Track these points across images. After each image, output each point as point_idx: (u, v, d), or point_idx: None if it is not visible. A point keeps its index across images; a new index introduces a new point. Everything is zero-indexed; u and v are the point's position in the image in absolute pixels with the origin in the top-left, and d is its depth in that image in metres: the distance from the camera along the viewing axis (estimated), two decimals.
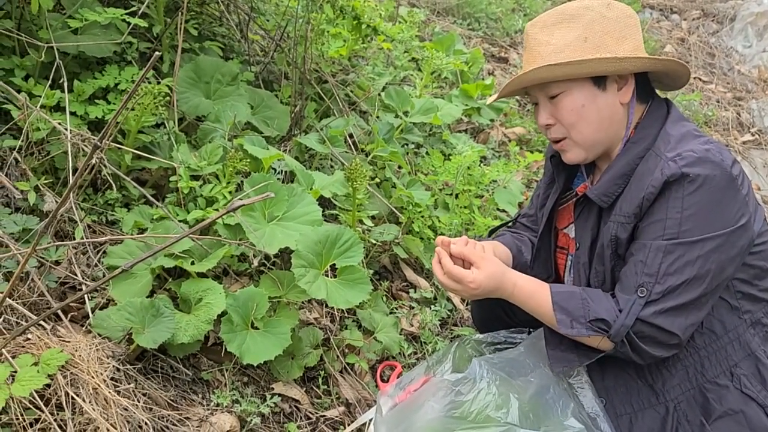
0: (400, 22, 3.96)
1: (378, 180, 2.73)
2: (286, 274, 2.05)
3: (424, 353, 2.33)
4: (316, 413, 2.00)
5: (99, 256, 2.03)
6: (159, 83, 2.20)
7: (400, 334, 2.30)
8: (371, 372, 2.18)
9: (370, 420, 1.82)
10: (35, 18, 2.25)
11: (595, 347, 1.51)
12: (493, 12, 5.39)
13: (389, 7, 4.13)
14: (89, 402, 1.56)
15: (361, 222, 2.41)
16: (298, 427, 1.93)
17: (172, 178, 2.18)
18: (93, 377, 1.60)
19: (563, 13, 1.55)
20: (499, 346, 1.74)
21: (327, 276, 2.00)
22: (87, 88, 2.24)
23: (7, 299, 1.66)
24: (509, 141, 3.74)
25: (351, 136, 2.91)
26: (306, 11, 2.78)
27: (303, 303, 2.23)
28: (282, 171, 2.47)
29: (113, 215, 2.16)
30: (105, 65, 2.35)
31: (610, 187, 1.55)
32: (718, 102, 5.18)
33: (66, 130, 2.00)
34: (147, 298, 1.83)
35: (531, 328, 1.73)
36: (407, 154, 3.09)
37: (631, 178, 1.53)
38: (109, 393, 1.60)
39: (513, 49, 5.11)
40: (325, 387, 2.09)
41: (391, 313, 2.39)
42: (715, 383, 1.52)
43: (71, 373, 1.59)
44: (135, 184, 2.13)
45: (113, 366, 1.69)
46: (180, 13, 2.47)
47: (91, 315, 1.84)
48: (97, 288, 1.91)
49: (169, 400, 1.80)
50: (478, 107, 3.65)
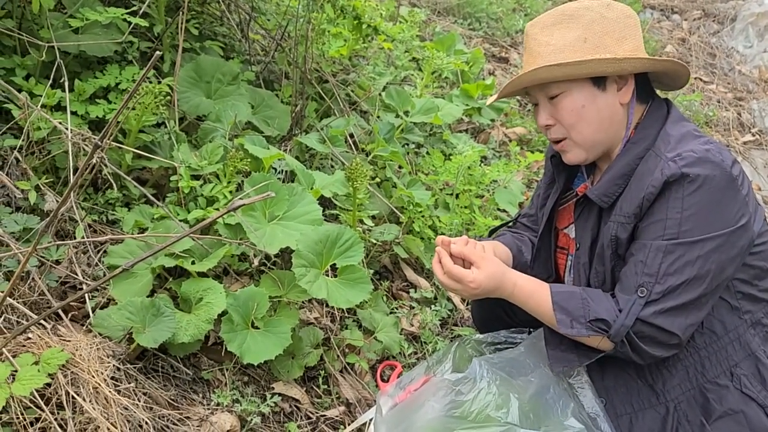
0: (400, 22, 3.96)
1: (378, 180, 2.73)
2: (286, 273, 2.05)
3: (425, 353, 2.33)
4: (317, 413, 2.00)
5: (99, 255, 2.04)
6: (160, 83, 2.20)
7: (401, 334, 2.30)
8: (371, 372, 2.18)
9: (371, 420, 1.83)
10: (36, 17, 2.25)
11: (595, 347, 1.51)
12: (493, 12, 5.39)
13: (390, 7, 4.13)
14: (89, 401, 1.56)
15: (361, 222, 2.41)
16: (299, 426, 1.94)
17: (172, 178, 2.18)
18: (93, 376, 1.60)
19: (563, 13, 1.55)
20: (499, 346, 1.74)
21: (327, 276, 2.00)
22: (88, 87, 2.24)
23: (8, 298, 1.66)
24: (510, 141, 3.74)
25: (351, 136, 2.91)
26: (307, 11, 2.78)
27: (303, 303, 2.23)
28: (282, 171, 2.47)
29: (114, 215, 2.16)
30: (106, 65, 2.36)
31: (611, 187, 1.55)
32: (719, 102, 5.17)
33: (67, 129, 2.00)
34: (147, 297, 1.83)
35: (531, 328, 1.73)
36: (408, 153, 3.09)
37: (631, 178, 1.53)
38: (109, 392, 1.60)
39: (514, 49, 5.11)
40: (326, 387, 2.09)
41: (391, 312, 2.39)
42: (716, 383, 1.52)
43: (72, 372, 1.60)
44: (135, 183, 2.13)
45: (114, 365, 1.69)
46: (181, 12, 2.47)
47: (91, 314, 1.85)
48: (98, 287, 1.91)
49: (169, 400, 1.80)
50: (479, 107, 3.65)
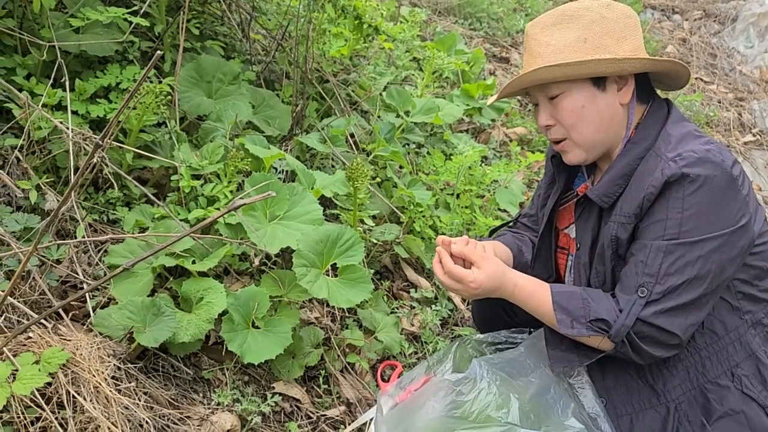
0: (401, 22, 3.96)
1: (379, 179, 2.73)
2: (287, 273, 2.05)
3: (425, 353, 2.33)
4: (317, 412, 2.00)
5: (100, 254, 2.04)
6: (160, 82, 2.20)
7: (401, 334, 2.30)
8: (372, 371, 2.18)
9: (371, 419, 1.83)
10: (37, 17, 2.25)
11: (595, 347, 1.51)
12: (494, 12, 5.39)
13: (391, 7, 4.13)
14: (90, 400, 1.57)
15: (362, 221, 2.41)
16: (299, 426, 1.94)
17: (173, 177, 2.18)
18: (94, 376, 1.60)
19: (563, 13, 1.55)
20: (499, 346, 1.74)
21: (328, 275, 2.00)
22: (88, 87, 2.24)
23: (9, 298, 1.66)
24: (510, 141, 3.74)
25: (352, 136, 2.91)
26: (307, 11, 2.78)
27: (304, 302, 2.23)
28: (283, 170, 2.47)
29: (114, 214, 2.16)
30: (107, 64, 2.36)
31: (611, 187, 1.55)
32: (720, 102, 5.17)
33: (67, 129, 2.00)
34: (148, 297, 1.83)
35: (532, 328, 1.73)
36: (408, 153, 3.09)
37: (631, 178, 1.53)
38: (110, 392, 1.60)
39: (514, 49, 5.11)
40: (326, 386, 2.09)
41: (391, 312, 2.39)
42: (716, 384, 1.52)
43: (72, 371, 1.60)
44: (136, 183, 2.14)
45: (114, 365, 1.70)
46: (182, 12, 2.47)
47: (92, 314, 1.85)
48: (98, 287, 1.91)
49: (169, 399, 1.80)
50: (480, 107, 3.65)
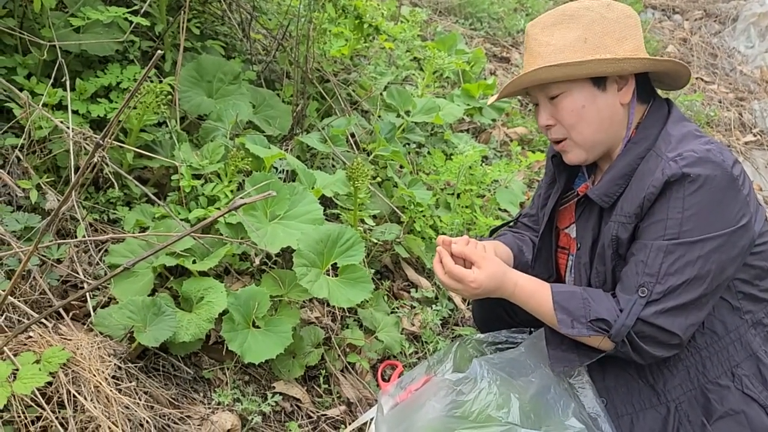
0: (402, 22, 3.96)
1: (379, 179, 2.73)
2: (287, 273, 2.05)
3: (425, 353, 2.33)
4: (317, 412, 2.00)
5: (100, 254, 2.04)
6: (161, 82, 2.20)
7: (402, 334, 2.30)
8: (372, 371, 2.18)
9: (371, 419, 1.83)
10: (38, 16, 2.25)
11: (595, 347, 1.51)
12: (495, 12, 5.38)
13: (391, 7, 4.13)
14: (90, 400, 1.57)
15: (362, 221, 2.41)
16: (299, 426, 1.94)
17: (173, 177, 2.18)
18: (94, 375, 1.60)
19: (563, 13, 1.55)
20: (500, 346, 1.74)
21: (328, 275, 2.00)
22: (89, 86, 2.24)
23: (9, 297, 1.66)
24: (511, 141, 3.74)
25: (353, 136, 2.91)
26: (308, 10, 2.78)
27: (304, 302, 2.23)
28: (283, 170, 2.47)
29: (115, 214, 2.16)
30: (107, 64, 2.36)
31: (611, 187, 1.55)
32: (720, 102, 5.17)
33: (68, 128, 2.00)
34: (148, 296, 1.83)
35: (532, 328, 1.73)
36: (409, 153, 3.09)
37: (632, 178, 1.53)
38: (110, 391, 1.60)
39: (515, 49, 5.11)
40: (327, 386, 2.09)
41: (392, 312, 2.39)
42: (717, 383, 1.52)
43: (73, 371, 1.60)
44: (137, 182, 2.14)
45: (114, 364, 1.70)
46: (182, 11, 2.47)
47: (92, 313, 1.85)
48: (99, 286, 1.91)
49: (170, 399, 1.80)
50: (480, 107, 3.65)
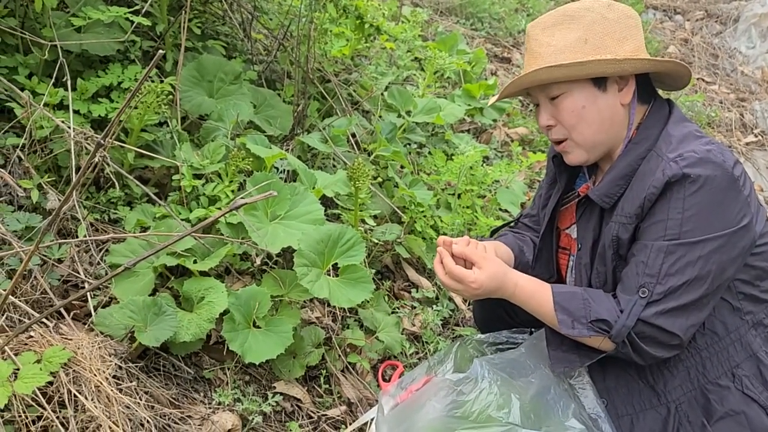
0: (403, 22, 3.96)
1: (380, 179, 2.73)
2: (288, 273, 2.05)
3: (426, 353, 2.33)
4: (318, 412, 2.00)
5: (101, 254, 2.04)
6: (162, 82, 2.20)
7: (402, 334, 2.30)
8: (373, 371, 2.18)
9: (372, 419, 1.83)
10: (39, 16, 2.25)
11: (596, 348, 1.51)
12: (496, 12, 5.38)
13: (392, 7, 4.13)
14: (91, 400, 1.57)
15: (363, 221, 2.41)
16: (300, 426, 1.94)
17: (174, 177, 2.18)
18: (95, 375, 1.60)
19: (564, 14, 1.55)
20: (500, 347, 1.74)
21: (329, 275, 2.00)
22: (90, 86, 2.24)
23: (10, 297, 1.66)
24: (512, 141, 3.74)
25: (353, 136, 2.91)
26: (309, 10, 2.78)
27: (305, 302, 2.23)
28: (284, 170, 2.47)
29: (116, 213, 2.16)
30: (108, 64, 2.36)
31: (612, 187, 1.55)
32: (721, 103, 5.17)
33: (69, 128, 2.01)
34: (149, 296, 1.83)
35: (533, 329, 1.73)
36: (410, 153, 3.09)
37: (632, 178, 1.53)
38: (111, 391, 1.60)
39: (516, 49, 5.11)
40: (327, 386, 2.10)
41: (392, 312, 2.39)
42: (717, 384, 1.52)
43: (73, 370, 1.60)
44: (138, 182, 2.14)
45: (115, 364, 1.70)
46: (183, 11, 2.47)
47: (93, 313, 1.85)
48: (100, 286, 1.91)
49: (170, 399, 1.80)
50: (481, 107, 3.65)
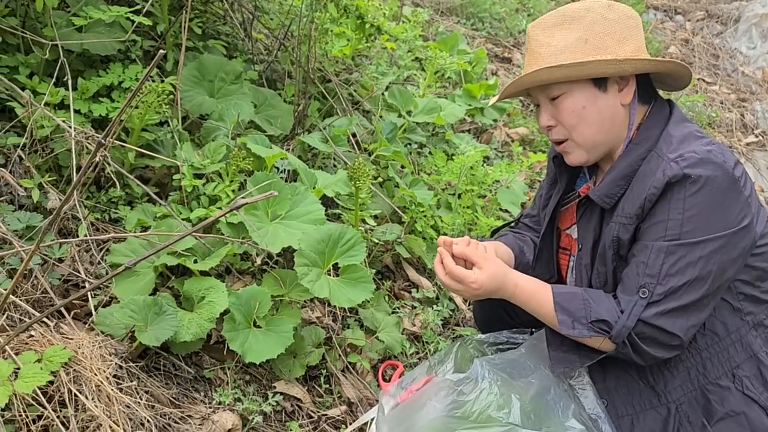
0: (403, 22, 3.96)
1: (381, 179, 2.73)
2: (288, 272, 2.05)
3: (426, 353, 2.33)
4: (318, 412, 2.01)
5: (102, 253, 2.04)
6: (163, 81, 2.21)
7: (402, 334, 2.31)
8: (373, 371, 2.18)
9: (372, 419, 1.83)
10: (40, 16, 2.25)
11: (596, 348, 1.51)
12: (497, 12, 5.38)
13: (393, 7, 4.13)
14: (92, 399, 1.57)
15: (363, 221, 2.41)
16: (300, 425, 1.94)
17: (175, 177, 2.18)
18: (96, 374, 1.60)
19: (564, 14, 1.55)
20: (501, 347, 1.74)
21: (329, 275, 2.00)
22: (91, 85, 2.24)
23: (11, 296, 1.66)
24: (512, 141, 3.74)
25: (354, 136, 2.91)
26: (310, 10, 2.78)
27: (305, 302, 2.23)
28: (285, 170, 2.47)
29: (116, 213, 2.17)
30: (109, 63, 2.36)
31: (612, 188, 1.55)
32: (722, 103, 5.17)
33: (70, 127, 2.01)
34: (150, 296, 1.83)
35: (533, 329, 1.73)
36: (410, 153, 3.09)
37: (633, 179, 1.53)
38: (111, 390, 1.60)
39: (516, 50, 5.10)
40: (327, 386, 2.10)
41: (393, 312, 2.39)
42: (717, 385, 1.52)
43: (74, 370, 1.60)
44: (138, 182, 2.14)
45: (116, 363, 1.70)
46: (184, 11, 2.47)
47: (94, 312, 1.85)
48: (100, 285, 1.92)
49: (171, 398, 1.80)
50: (482, 107, 3.65)
